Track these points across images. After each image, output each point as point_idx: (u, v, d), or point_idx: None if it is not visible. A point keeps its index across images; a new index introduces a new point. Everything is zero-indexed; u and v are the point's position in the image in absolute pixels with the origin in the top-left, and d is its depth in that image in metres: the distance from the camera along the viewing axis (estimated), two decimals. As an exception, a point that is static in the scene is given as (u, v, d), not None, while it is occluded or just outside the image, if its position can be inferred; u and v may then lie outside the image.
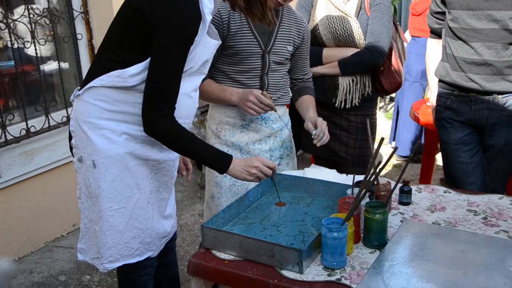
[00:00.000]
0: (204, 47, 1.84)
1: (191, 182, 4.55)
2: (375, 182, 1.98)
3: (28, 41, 3.50)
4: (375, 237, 1.75)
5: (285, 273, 1.63)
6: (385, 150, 5.13)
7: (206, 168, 2.39)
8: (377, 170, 1.77)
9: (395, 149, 1.81)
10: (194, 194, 4.33)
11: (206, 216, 2.51)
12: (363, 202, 1.80)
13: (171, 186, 2.09)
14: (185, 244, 3.56)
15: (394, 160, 4.99)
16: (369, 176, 1.76)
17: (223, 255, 1.76)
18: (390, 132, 5.21)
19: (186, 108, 1.91)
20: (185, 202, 4.20)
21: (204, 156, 1.88)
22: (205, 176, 2.49)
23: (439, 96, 2.66)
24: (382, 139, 1.81)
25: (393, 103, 6.24)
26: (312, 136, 2.23)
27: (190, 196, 4.31)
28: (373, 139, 2.68)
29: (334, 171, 2.39)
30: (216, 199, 2.41)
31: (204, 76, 1.96)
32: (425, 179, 3.82)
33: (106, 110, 1.83)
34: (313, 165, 2.53)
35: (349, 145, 2.79)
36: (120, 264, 1.97)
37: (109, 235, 1.91)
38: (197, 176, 4.60)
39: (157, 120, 1.75)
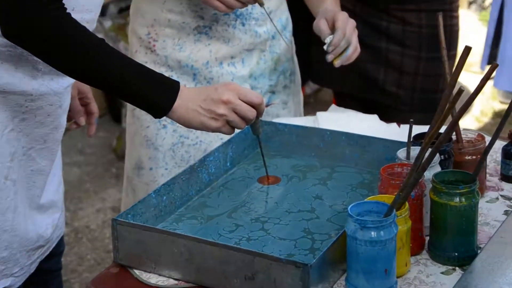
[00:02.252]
0: None
1: (99, 145, 4.47)
2: (454, 136, 1.82)
3: None
4: (454, 241, 1.60)
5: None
6: (475, 81, 4.73)
7: (128, 114, 2.32)
8: (458, 112, 1.60)
9: (494, 66, 1.58)
10: (105, 170, 4.26)
11: (126, 204, 2.39)
12: (429, 174, 1.64)
13: (55, 147, 1.88)
14: (84, 265, 3.37)
15: (496, 103, 4.87)
16: (439, 123, 1.54)
17: (153, 278, 1.58)
18: (483, 49, 5.06)
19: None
20: (87, 185, 4.05)
21: (124, 81, 1.66)
22: (126, 130, 2.39)
23: None
24: (468, 49, 1.54)
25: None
26: (325, 47, 2.05)
27: (97, 173, 4.22)
28: (452, 56, 2.55)
29: (374, 116, 2.29)
30: (146, 170, 2.27)
31: None
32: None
33: None
34: (333, 106, 2.45)
35: (404, 71, 2.54)
36: None
37: None
38: (112, 134, 4.52)
39: (31, 12, 1.57)
